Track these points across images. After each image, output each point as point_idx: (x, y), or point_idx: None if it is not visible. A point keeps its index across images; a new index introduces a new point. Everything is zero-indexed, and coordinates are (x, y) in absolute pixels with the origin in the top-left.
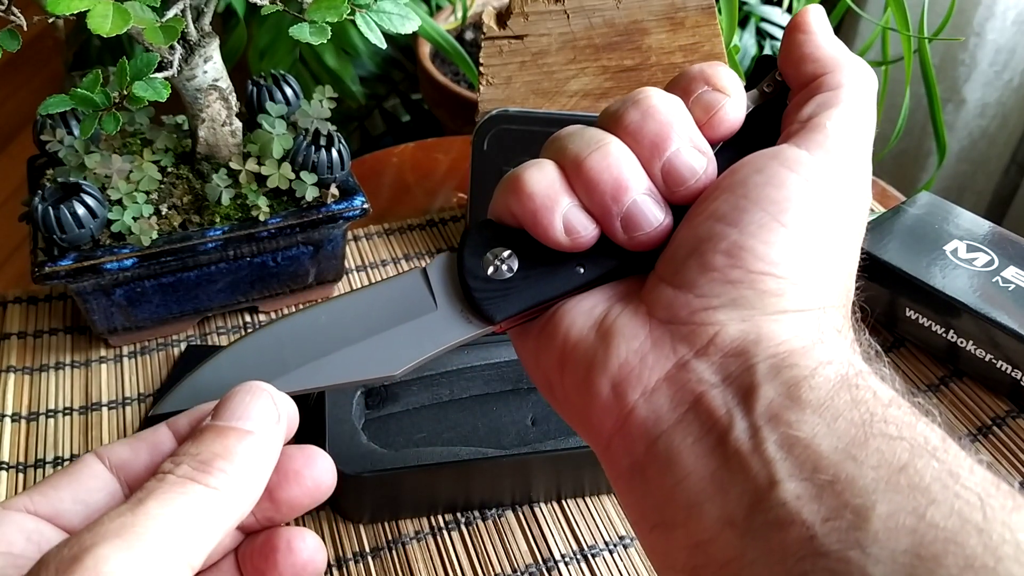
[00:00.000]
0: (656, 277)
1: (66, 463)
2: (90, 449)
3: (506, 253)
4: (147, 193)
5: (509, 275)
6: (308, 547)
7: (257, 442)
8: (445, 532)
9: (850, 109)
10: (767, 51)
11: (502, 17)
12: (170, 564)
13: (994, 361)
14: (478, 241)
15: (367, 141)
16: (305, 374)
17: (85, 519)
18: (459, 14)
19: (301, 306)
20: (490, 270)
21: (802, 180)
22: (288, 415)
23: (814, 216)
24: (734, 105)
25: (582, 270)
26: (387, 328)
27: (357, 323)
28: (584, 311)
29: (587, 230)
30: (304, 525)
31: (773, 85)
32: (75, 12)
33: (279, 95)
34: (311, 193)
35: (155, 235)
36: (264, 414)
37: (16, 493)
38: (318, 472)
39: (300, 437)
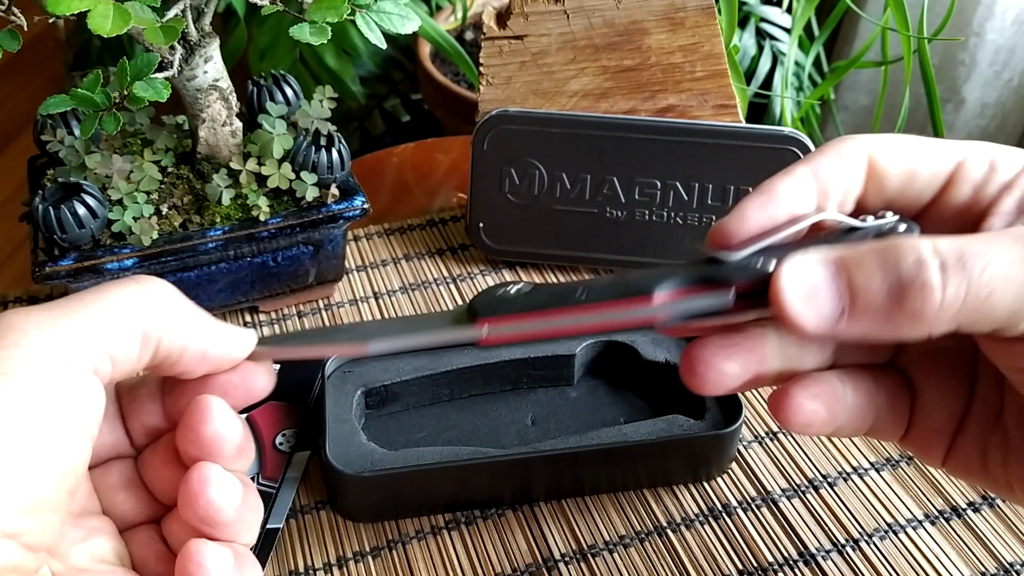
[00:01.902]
0: None
1: None
2: None
3: (525, 287)
4: (147, 193)
5: (515, 295)
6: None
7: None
8: (445, 532)
9: None
10: (767, 52)
11: (502, 17)
12: (87, 339)
13: None
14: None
15: (367, 141)
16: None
17: None
18: (459, 14)
19: (301, 306)
20: (500, 291)
21: None
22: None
23: None
24: None
25: (584, 296)
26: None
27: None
28: None
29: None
30: (304, 526)
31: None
32: (75, 12)
33: (279, 95)
34: (311, 193)
35: (155, 235)
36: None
37: None
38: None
39: (301, 435)
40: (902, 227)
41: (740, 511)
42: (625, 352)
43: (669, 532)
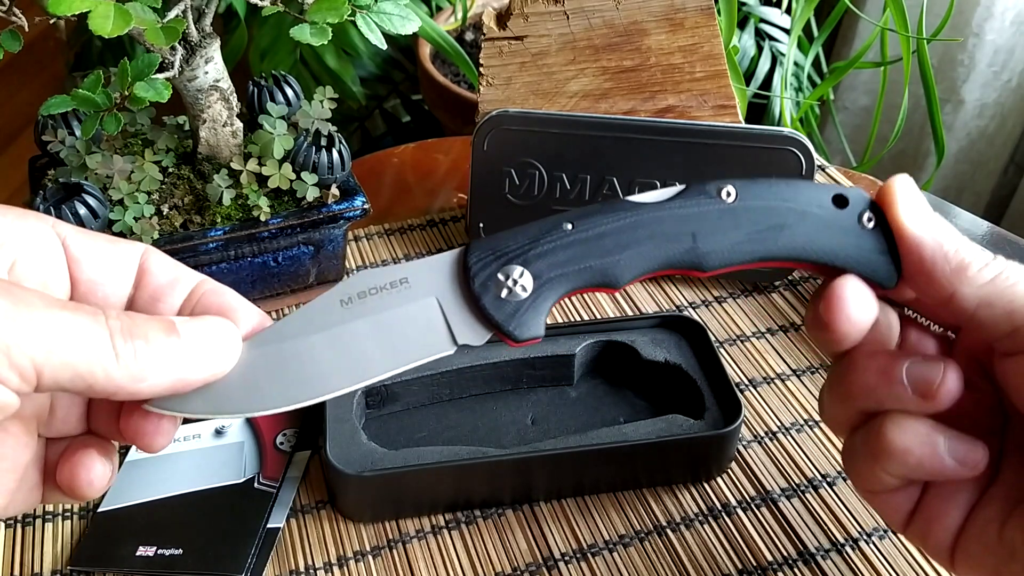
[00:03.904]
0: None
1: None
2: None
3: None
4: (148, 193)
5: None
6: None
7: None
8: (445, 531)
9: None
10: (767, 53)
11: (502, 18)
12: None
13: None
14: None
15: (367, 141)
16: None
17: None
18: (459, 15)
19: (302, 306)
20: (504, 292)
21: None
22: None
23: None
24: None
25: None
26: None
27: (377, 355)
28: None
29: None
30: (304, 525)
31: None
32: (76, 13)
33: (280, 96)
34: (312, 193)
35: (156, 235)
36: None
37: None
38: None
39: (302, 435)
40: None
41: (740, 511)
42: (625, 352)
43: (669, 532)
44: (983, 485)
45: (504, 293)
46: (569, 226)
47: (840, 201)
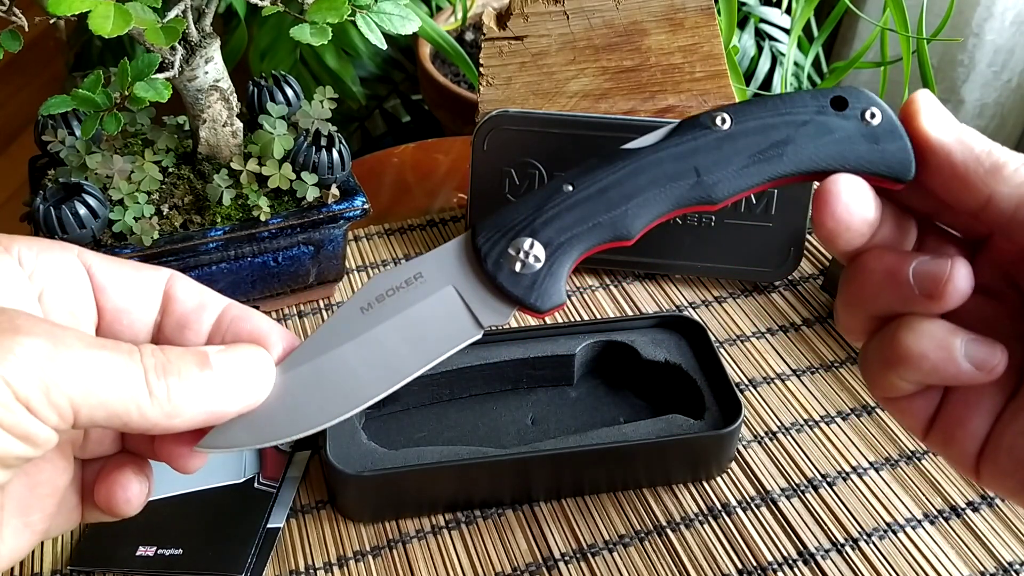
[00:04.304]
0: None
1: None
2: None
3: (527, 243)
4: (148, 193)
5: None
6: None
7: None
8: (445, 531)
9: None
10: (767, 53)
11: (502, 18)
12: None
13: None
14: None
15: (368, 141)
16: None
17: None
18: (459, 15)
19: (302, 306)
20: (518, 266)
21: None
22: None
23: None
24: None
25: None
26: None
27: (408, 353)
28: None
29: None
30: (304, 525)
31: None
32: (76, 13)
33: (280, 96)
34: (312, 193)
35: (156, 235)
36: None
37: None
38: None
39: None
40: None
41: (740, 511)
42: (625, 352)
43: (669, 532)
44: (1008, 392)
45: (518, 267)
46: (570, 187)
47: (839, 103)
